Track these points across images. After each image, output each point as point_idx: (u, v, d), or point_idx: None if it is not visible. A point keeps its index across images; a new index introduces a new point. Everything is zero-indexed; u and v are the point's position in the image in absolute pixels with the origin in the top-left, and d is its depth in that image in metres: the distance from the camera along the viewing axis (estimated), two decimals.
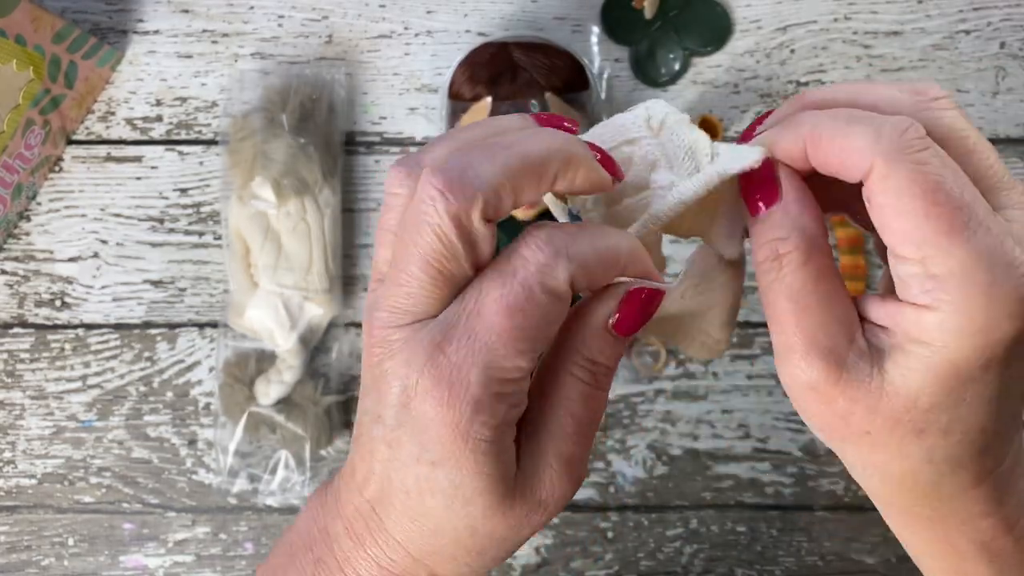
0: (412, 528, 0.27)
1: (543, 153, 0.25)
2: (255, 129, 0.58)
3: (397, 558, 0.27)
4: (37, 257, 0.61)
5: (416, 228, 0.24)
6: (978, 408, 0.25)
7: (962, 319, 0.23)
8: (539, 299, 0.24)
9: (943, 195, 0.23)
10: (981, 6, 0.61)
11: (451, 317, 0.25)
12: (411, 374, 0.25)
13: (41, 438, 0.60)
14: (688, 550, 0.59)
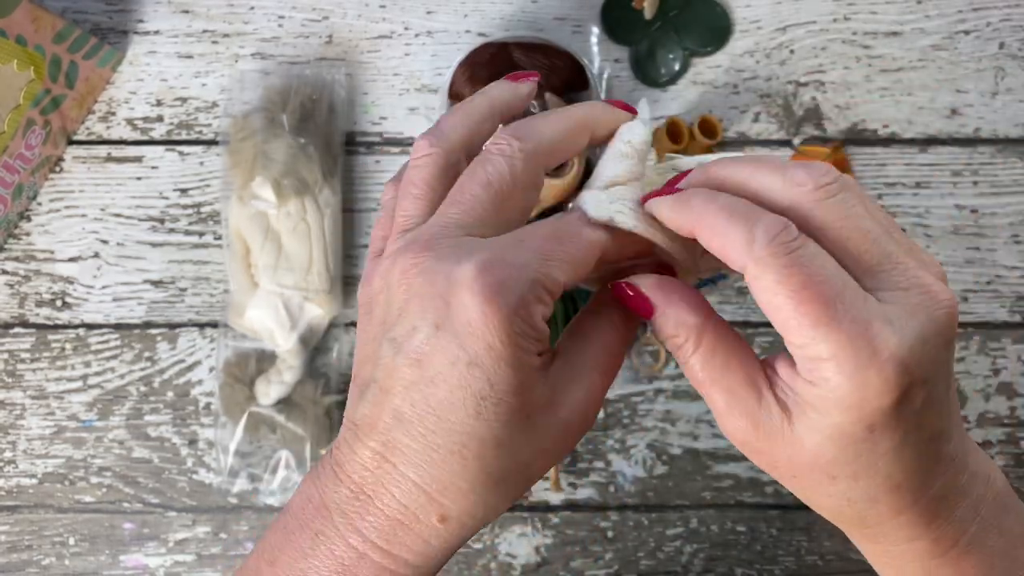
0: (431, 457, 0.27)
1: (587, 115, 0.32)
2: (255, 129, 0.58)
3: (408, 501, 0.28)
4: (38, 257, 0.61)
5: (486, 161, 0.30)
6: (877, 460, 0.27)
7: (838, 395, 0.26)
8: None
9: (809, 292, 0.26)
10: (980, 6, 0.61)
11: (507, 235, 0.29)
12: (460, 270, 0.27)
13: (42, 438, 0.60)
14: (688, 549, 0.59)
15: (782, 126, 0.61)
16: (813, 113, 0.61)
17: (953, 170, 0.61)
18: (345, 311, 0.60)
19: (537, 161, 0.30)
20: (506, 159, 0.29)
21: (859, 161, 0.61)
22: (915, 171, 0.61)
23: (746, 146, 0.61)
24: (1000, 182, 0.61)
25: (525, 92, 0.34)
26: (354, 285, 0.61)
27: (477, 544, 0.60)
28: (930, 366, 0.26)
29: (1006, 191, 0.61)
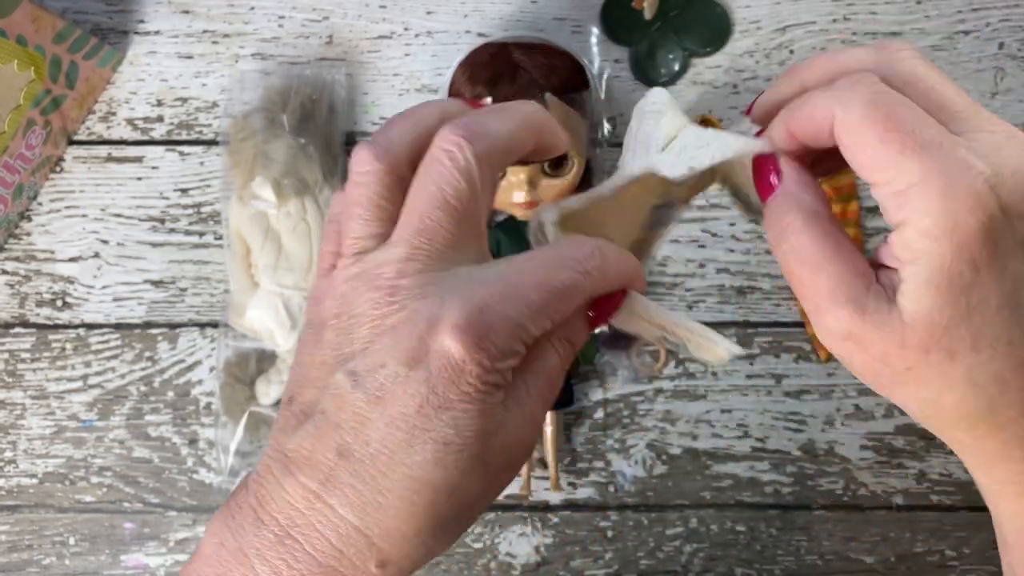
0: (378, 501, 0.25)
1: (535, 113, 0.30)
2: (256, 129, 0.58)
3: (345, 546, 0.26)
4: (38, 257, 0.61)
5: (439, 176, 0.27)
6: (992, 317, 0.26)
7: (929, 223, 0.25)
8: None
9: (893, 122, 0.26)
10: (980, 7, 0.62)
11: (487, 269, 0.28)
12: (444, 313, 0.26)
13: (42, 438, 0.60)
14: (688, 549, 0.59)
15: None
16: None
17: None
18: None
19: (492, 164, 0.29)
20: (461, 172, 0.27)
21: None
22: None
23: None
24: None
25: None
26: None
27: (477, 544, 0.60)
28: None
29: None
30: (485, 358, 0.26)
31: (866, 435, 0.59)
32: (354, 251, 0.28)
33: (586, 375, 0.60)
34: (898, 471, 0.59)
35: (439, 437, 0.25)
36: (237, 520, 0.27)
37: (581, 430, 0.60)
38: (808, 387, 0.60)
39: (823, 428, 0.59)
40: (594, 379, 0.60)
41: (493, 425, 0.26)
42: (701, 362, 0.60)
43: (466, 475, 0.26)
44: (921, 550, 0.58)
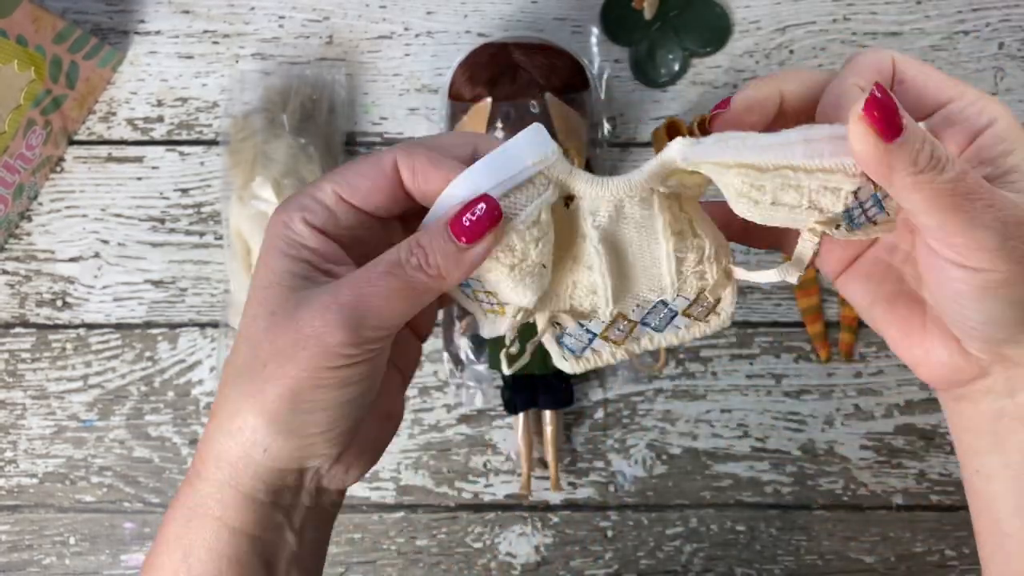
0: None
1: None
2: (256, 129, 0.58)
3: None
4: (38, 257, 0.61)
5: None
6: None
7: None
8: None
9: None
10: (980, 7, 0.62)
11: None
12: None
13: (42, 437, 0.60)
14: (688, 549, 0.59)
15: None
16: None
17: None
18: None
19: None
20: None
21: None
22: None
23: None
24: None
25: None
26: None
27: (477, 544, 0.60)
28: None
29: None
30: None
31: (866, 435, 0.59)
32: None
33: (586, 375, 0.60)
34: (898, 471, 0.59)
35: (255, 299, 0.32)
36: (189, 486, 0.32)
37: (581, 430, 0.60)
38: (808, 387, 0.60)
39: (823, 428, 0.59)
40: (594, 379, 0.60)
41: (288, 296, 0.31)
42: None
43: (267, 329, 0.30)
44: (921, 550, 0.58)
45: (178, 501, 0.32)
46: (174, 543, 0.31)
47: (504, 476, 0.60)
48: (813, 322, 0.59)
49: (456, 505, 0.60)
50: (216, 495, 0.31)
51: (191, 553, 0.31)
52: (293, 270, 0.30)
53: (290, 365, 0.29)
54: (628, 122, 0.62)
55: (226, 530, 0.31)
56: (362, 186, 0.31)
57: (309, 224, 0.31)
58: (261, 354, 0.30)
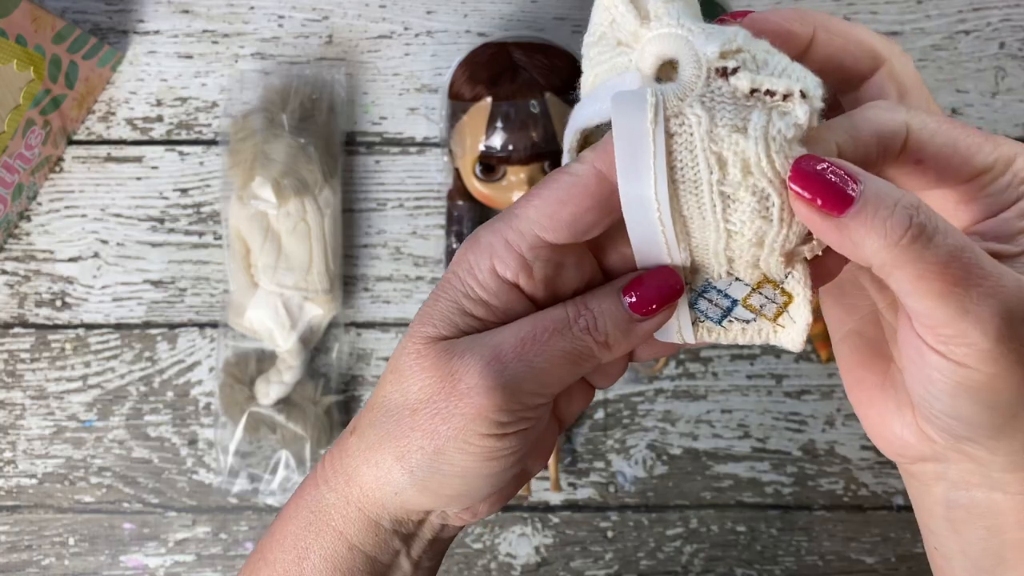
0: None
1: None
2: (255, 129, 0.58)
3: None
4: (37, 257, 0.61)
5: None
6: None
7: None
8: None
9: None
10: (980, 6, 0.61)
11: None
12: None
13: (42, 438, 0.60)
14: (688, 550, 0.59)
15: None
16: None
17: None
18: (345, 311, 0.60)
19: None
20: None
21: None
22: None
23: None
24: None
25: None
26: (354, 285, 0.61)
27: (477, 544, 0.60)
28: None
29: None
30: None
31: (866, 435, 0.59)
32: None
33: None
34: (898, 471, 0.59)
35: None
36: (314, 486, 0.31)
37: (581, 430, 0.60)
38: (808, 387, 0.60)
39: (823, 428, 0.59)
40: None
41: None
42: None
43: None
44: (921, 550, 0.58)
45: (302, 500, 0.31)
46: (291, 541, 0.31)
47: None
48: (814, 322, 0.59)
49: None
50: (341, 509, 0.30)
51: (306, 557, 0.30)
52: (459, 323, 0.27)
53: (439, 420, 0.27)
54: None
55: (344, 544, 0.30)
56: (564, 215, 0.26)
57: (500, 277, 0.27)
58: (410, 399, 0.27)
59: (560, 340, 0.27)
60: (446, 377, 0.27)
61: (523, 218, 0.27)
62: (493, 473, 0.28)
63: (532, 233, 0.26)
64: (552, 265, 0.27)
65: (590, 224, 0.26)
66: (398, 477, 0.28)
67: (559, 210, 0.26)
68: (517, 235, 0.27)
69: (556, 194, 0.26)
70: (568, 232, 0.26)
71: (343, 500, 0.30)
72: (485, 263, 0.27)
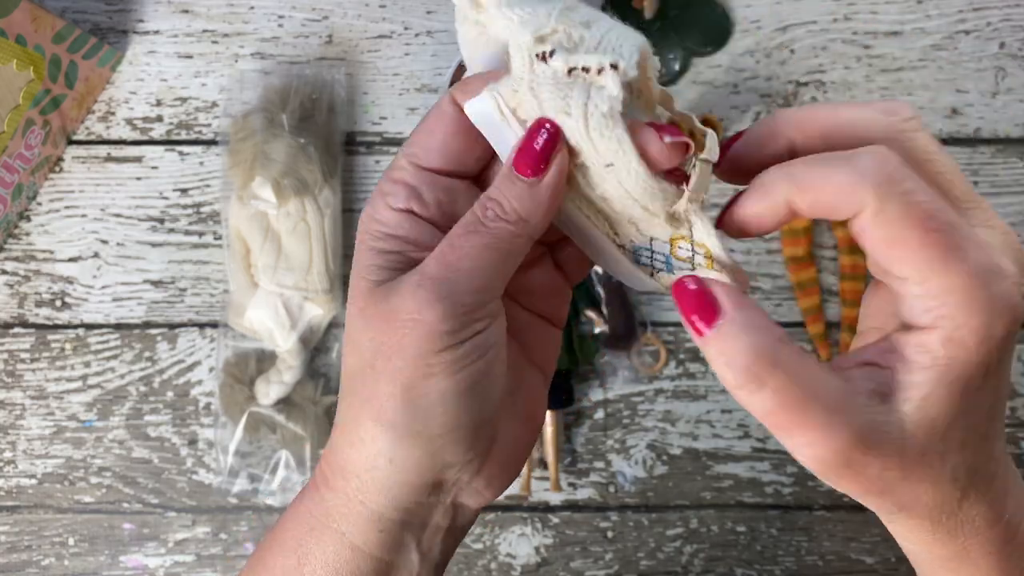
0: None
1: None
2: (255, 129, 0.58)
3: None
4: (37, 257, 0.61)
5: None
6: (982, 415, 0.26)
7: (964, 331, 0.24)
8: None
9: (934, 222, 0.24)
10: (981, 6, 0.61)
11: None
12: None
13: (41, 438, 0.60)
14: (688, 550, 0.59)
15: None
16: None
17: None
18: (345, 311, 0.60)
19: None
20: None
21: None
22: None
23: None
24: (1001, 182, 0.61)
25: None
26: None
27: (477, 544, 0.60)
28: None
29: (1006, 191, 0.61)
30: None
31: None
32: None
33: (586, 375, 0.60)
34: None
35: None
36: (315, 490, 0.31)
37: (581, 430, 0.60)
38: None
39: None
40: (594, 379, 0.60)
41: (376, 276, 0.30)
42: None
43: (353, 315, 0.30)
44: None
45: (301, 505, 0.30)
46: (291, 546, 0.30)
47: None
48: (814, 322, 0.59)
49: None
50: (342, 508, 0.29)
51: (307, 563, 0.29)
52: (380, 263, 0.28)
53: (395, 358, 0.27)
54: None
55: (347, 548, 0.29)
56: (433, 143, 0.29)
57: (394, 209, 0.29)
58: (366, 355, 0.27)
59: (476, 237, 0.27)
60: (387, 317, 0.27)
61: (401, 155, 0.29)
62: (468, 387, 0.27)
63: (411, 164, 0.29)
64: (442, 190, 0.29)
65: (459, 150, 0.29)
66: (383, 439, 0.28)
67: (427, 138, 0.29)
68: (399, 170, 0.29)
69: (425, 125, 0.29)
70: (439, 156, 0.29)
71: (343, 498, 0.29)
72: (380, 203, 0.29)
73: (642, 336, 0.60)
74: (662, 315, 0.60)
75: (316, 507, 0.30)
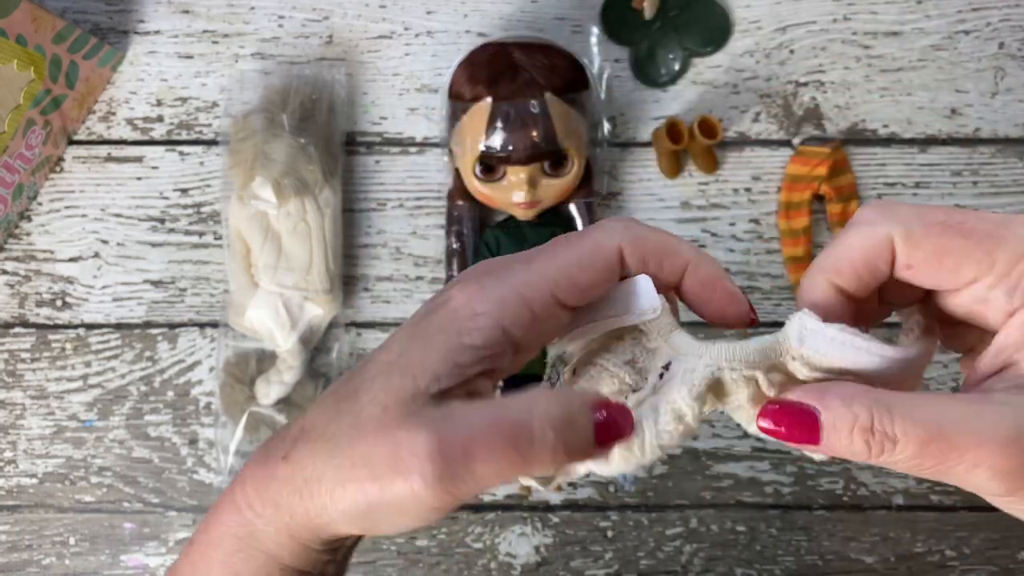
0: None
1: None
2: (255, 129, 0.58)
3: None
4: (38, 257, 0.61)
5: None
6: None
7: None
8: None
9: (956, 219, 0.26)
10: (980, 6, 0.61)
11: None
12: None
13: (42, 438, 0.60)
14: (688, 549, 0.59)
15: (782, 126, 0.61)
16: (813, 113, 0.61)
17: (953, 170, 0.61)
18: (345, 311, 0.60)
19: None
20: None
21: (859, 161, 0.61)
22: (915, 171, 0.61)
23: (746, 146, 0.61)
24: (1000, 182, 0.61)
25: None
26: (354, 285, 0.61)
27: (477, 544, 0.60)
28: None
29: (1006, 191, 0.61)
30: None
31: None
32: None
33: None
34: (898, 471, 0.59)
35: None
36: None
37: None
38: None
39: None
40: None
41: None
42: None
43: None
44: (921, 550, 0.58)
45: (223, 526, 0.30)
46: (218, 569, 0.30)
47: None
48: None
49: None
50: (272, 536, 0.29)
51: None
52: (452, 375, 0.27)
53: (376, 486, 0.26)
54: (628, 122, 0.62)
55: (277, 566, 0.30)
56: (582, 282, 0.27)
57: (502, 328, 0.26)
58: (356, 450, 0.26)
59: (514, 454, 0.25)
60: (388, 441, 0.26)
61: (542, 271, 0.27)
62: (426, 517, 0.28)
63: (551, 293, 0.27)
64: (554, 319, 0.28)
65: (592, 295, 0.28)
66: (335, 517, 0.28)
67: (578, 276, 0.27)
68: (533, 289, 0.27)
69: (579, 257, 0.27)
70: (577, 298, 0.27)
71: (272, 528, 0.29)
72: (494, 311, 0.26)
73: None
74: None
75: (241, 530, 0.30)
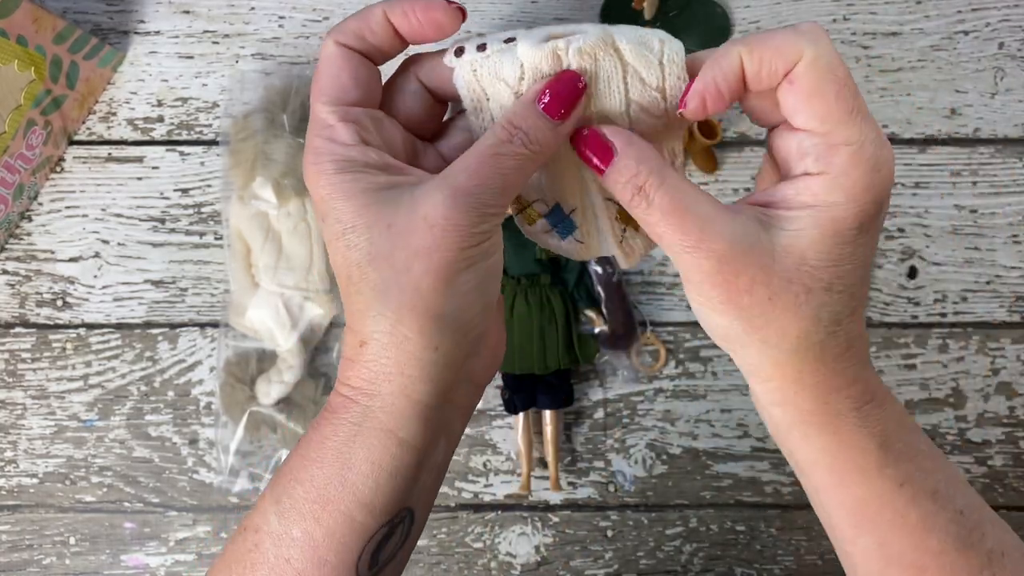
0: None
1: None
2: (256, 130, 0.58)
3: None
4: (38, 257, 0.61)
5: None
6: (853, 269, 0.30)
7: (847, 181, 0.28)
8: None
9: (851, 83, 0.29)
10: (980, 7, 0.62)
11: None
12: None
13: (43, 437, 0.60)
14: (687, 549, 0.59)
15: None
16: None
17: (952, 170, 0.61)
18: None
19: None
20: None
21: None
22: (914, 171, 0.61)
23: (746, 146, 0.61)
24: (999, 182, 0.61)
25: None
26: None
27: (477, 544, 0.60)
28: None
29: (1005, 191, 0.61)
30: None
31: None
32: None
33: (586, 375, 0.60)
34: None
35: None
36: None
37: (581, 430, 0.60)
38: None
39: None
40: (594, 379, 0.60)
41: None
42: None
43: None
44: None
45: (336, 423, 0.31)
46: (332, 456, 0.31)
47: (504, 476, 0.60)
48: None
49: (456, 505, 0.60)
50: (388, 408, 0.30)
51: (351, 467, 0.30)
52: (368, 186, 0.30)
53: (437, 255, 0.29)
54: None
55: (395, 442, 0.30)
56: (344, 81, 0.32)
57: (348, 144, 0.31)
58: (397, 263, 0.30)
59: (505, 158, 0.31)
60: (420, 225, 0.30)
61: (319, 106, 0.32)
62: (486, 277, 0.31)
63: (332, 106, 0.32)
64: (368, 119, 0.32)
65: (366, 80, 0.33)
66: (431, 330, 0.30)
67: (335, 80, 0.33)
68: (328, 115, 0.32)
69: (326, 71, 0.33)
70: (354, 91, 0.33)
71: (389, 399, 0.30)
72: (327, 144, 0.31)
73: (642, 336, 0.60)
74: (662, 315, 0.60)
75: (355, 416, 0.31)
